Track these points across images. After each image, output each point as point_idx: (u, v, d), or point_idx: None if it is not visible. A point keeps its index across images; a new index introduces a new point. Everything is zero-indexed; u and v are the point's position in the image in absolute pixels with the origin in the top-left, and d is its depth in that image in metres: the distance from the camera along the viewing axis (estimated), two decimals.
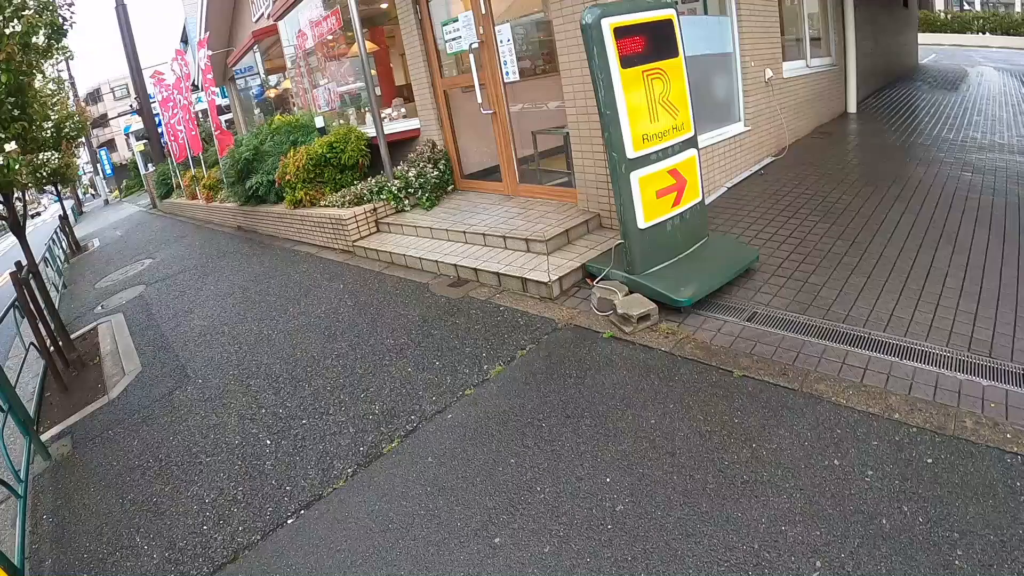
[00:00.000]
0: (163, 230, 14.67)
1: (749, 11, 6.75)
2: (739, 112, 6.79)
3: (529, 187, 6.54)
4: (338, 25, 8.55)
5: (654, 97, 4.14)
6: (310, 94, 10.47)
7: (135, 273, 9.97)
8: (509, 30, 5.98)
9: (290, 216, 8.19)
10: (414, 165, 7.12)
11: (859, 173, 6.60)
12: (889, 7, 14.15)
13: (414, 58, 7.35)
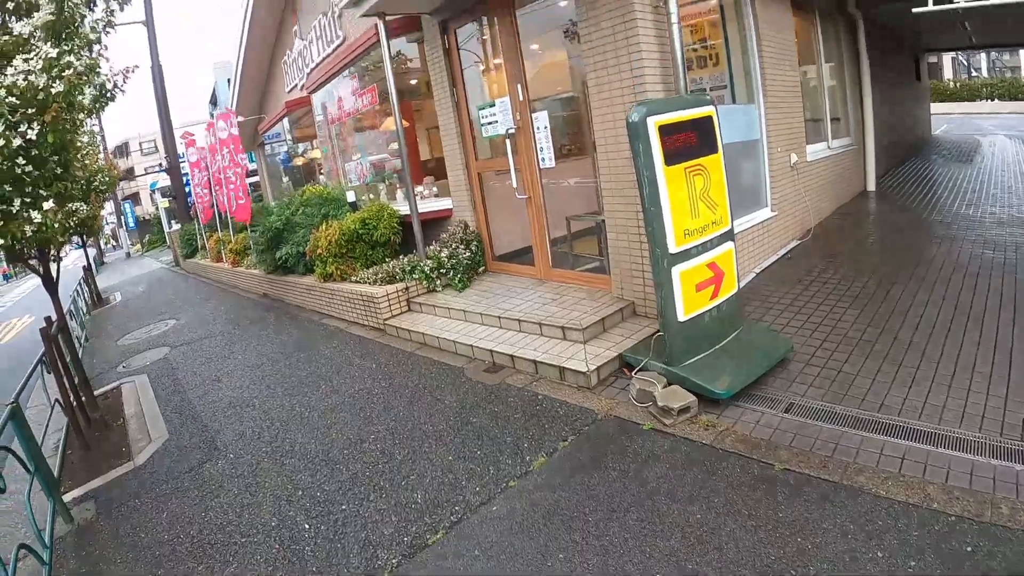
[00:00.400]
0: (187, 290, 14.82)
1: (775, 98, 6.87)
2: (767, 197, 6.84)
3: (562, 272, 6.55)
4: (373, 101, 8.76)
5: (696, 193, 4.20)
6: (340, 166, 10.68)
7: (159, 333, 10.02)
8: (546, 117, 6.08)
9: (320, 289, 8.24)
10: (446, 245, 7.19)
11: (883, 255, 6.60)
12: (903, 82, 14.40)
13: (449, 139, 7.47)
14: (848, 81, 9.76)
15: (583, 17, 5.32)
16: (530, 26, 6.49)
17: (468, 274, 7.07)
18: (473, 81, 7.36)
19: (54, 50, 5.98)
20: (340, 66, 9.48)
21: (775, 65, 6.91)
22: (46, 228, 6.39)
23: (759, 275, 6.31)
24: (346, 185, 9.90)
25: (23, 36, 6.17)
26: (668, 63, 5.03)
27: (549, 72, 7.17)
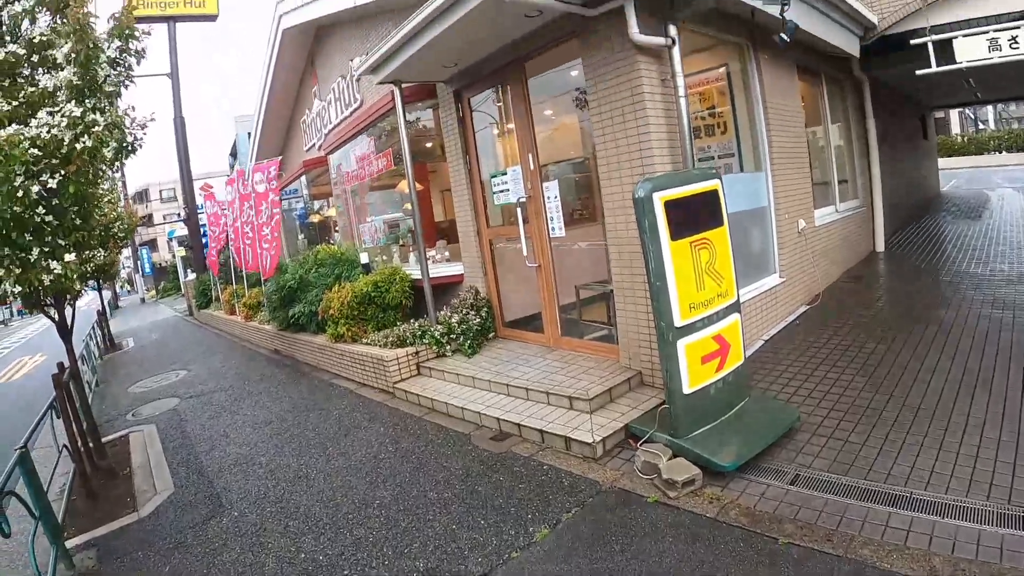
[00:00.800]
0: (199, 341, 14.92)
1: (783, 165, 6.95)
2: (774, 264, 6.88)
3: (570, 340, 6.58)
4: (388, 166, 8.94)
5: (701, 266, 4.24)
6: (355, 226, 10.85)
7: (169, 384, 10.09)
8: (556, 187, 6.19)
9: (330, 349, 8.31)
10: (457, 311, 7.25)
11: (891, 318, 6.60)
12: (910, 140, 14.52)
13: (462, 206, 7.60)
14: (855, 143, 9.86)
15: (592, 90, 5.46)
16: (542, 93, 6.68)
17: (478, 340, 7.11)
18: (486, 147, 7.51)
19: (78, 109, 6.19)
20: (357, 130, 9.71)
21: (782, 132, 7.01)
22: (64, 279, 6.52)
23: (767, 342, 6.30)
24: (360, 246, 10.05)
25: (48, 90, 6.39)
26: (675, 134, 5.14)
27: (560, 136, 7.31)
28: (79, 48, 6.15)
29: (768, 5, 5.49)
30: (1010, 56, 7.38)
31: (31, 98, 6.42)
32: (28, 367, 17.45)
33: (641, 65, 5.03)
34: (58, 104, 6.25)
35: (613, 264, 5.61)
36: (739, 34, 6.46)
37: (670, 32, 5.04)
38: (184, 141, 20.40)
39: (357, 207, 10.90)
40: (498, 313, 7.48)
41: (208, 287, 18.45)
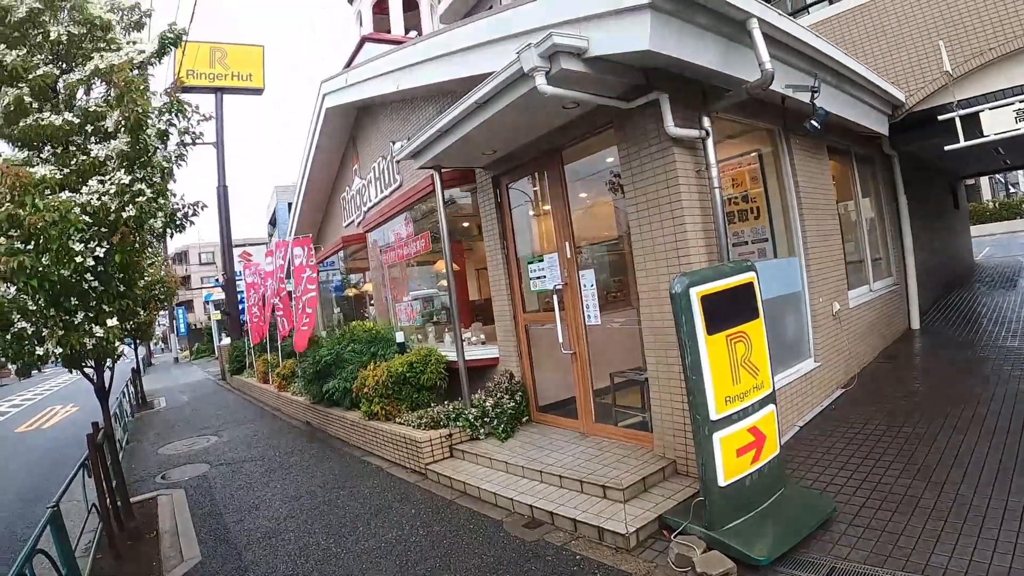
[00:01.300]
0: (231, 408, 15.05)
1: (816, 249, 6.97)
2: (809, 348, 6.84)
3: (604, 427, 6.56)
4: (426, 247, 9.13)
5: (736, 359, 4.26)
6: (390, 303, 11.02)
7: (200, 448, 10.19)
8: (592, 276, 6.28)
9: (363, 426, 8.35)
10: (491, 394, 7.27)
11: (928, 400, 6.49)
12: (941, 212, 14.46)
13: (498, 290, 7.71)
14: (887, 218, 9.88)
15: (627, 180, 5.59)
16: (577, 176, 6.81)
17: (511, 424, 7.12)
18: (523, 230, 7.65)
19: (127, 177, 6.45)
20: (396, 211, 9.94)
21: (814, 215, 7.05)
22: (106, 343, 6.67)
23: (802, 429, 6.22)
24: (396, 324, 10.19)
25: (99, 159, 6.67)
26: (710, 225, 5.22)
27: (595, 217, 7.38)
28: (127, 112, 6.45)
29: (798, 93, 5.62)
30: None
31: (83, 166, 6.70)
32: (59, 416, 17.72)
33: (676, 157, 5.15)
34: (108, 173, 6.54)
35: (648, 352, 5.63)
36: (770, 120, 6.57)
37: (704, 124, 5.20)
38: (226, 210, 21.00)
39: (394, 285, 11.09)
40: (532, 397, 7.50)
41: (242, 353, 18.70)
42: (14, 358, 6.19)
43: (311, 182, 14.62)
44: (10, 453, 12.85)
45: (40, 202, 5.66)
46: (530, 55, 4.64)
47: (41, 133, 6.61)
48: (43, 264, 5.76)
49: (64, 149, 6.83)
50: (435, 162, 7.17)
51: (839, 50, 6.78)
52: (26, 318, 5.91)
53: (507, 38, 5.92)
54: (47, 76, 6.71)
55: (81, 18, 7.06)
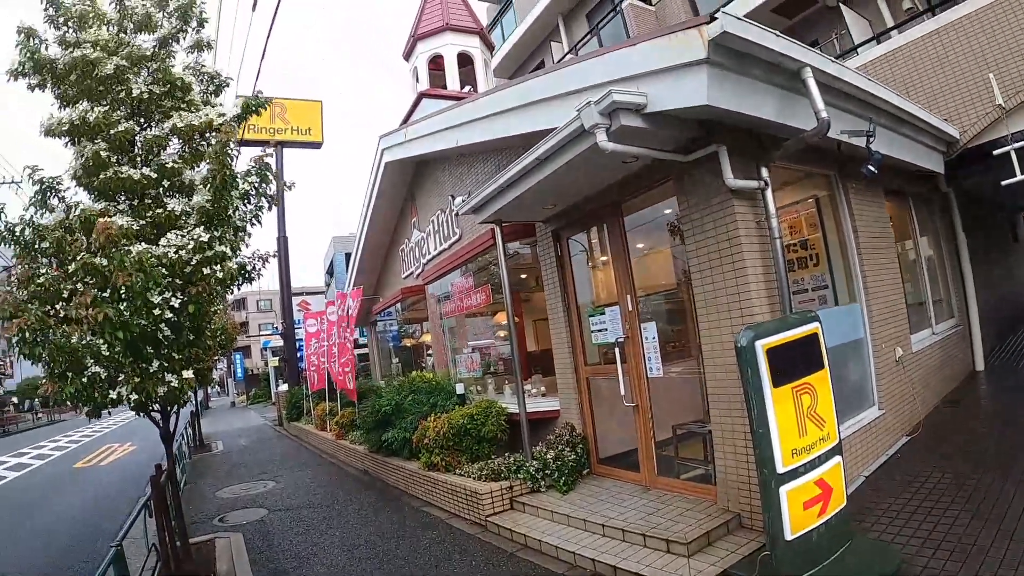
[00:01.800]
0: (288, 453, 15.25)
1: (877, 294, 6.85)
2: (873, 396, 6.68)
3: (667, 480, 6.49)
4: (486, 301, 9.25)
5: (803, 411, 4.22)
6: (449, 354, 11.14)
7: (257, 493, 10.33)
8: (654, 328, 6.28)
9: (422, 476, 8.39)
10: (552, 447, 7.27)
11: (996, 445, 6.27)
12: (1002, 247, 14.07)
13: (559, 342, 7.75)
14: (946, 258, 9.68)
15: (688, 232, 5.65)
16: (637, 227, 6.86)
17: (572, 476, 7.08)
18: (583, 283, 7.71)
19: (206, 235, 6.73)
20: (456, 264, 10.13)
21: (873, 260, 6.95)
22: (178, 391, 6.88)
23: (868, 479, 6.05)
24: (455, 375, 10.30)
25: (175, 213, 6.98)
26: (771, 275, 5.21)
27: (655, 265, 7.42)
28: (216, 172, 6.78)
29: (854, 138, 5.60)
30: None
31: (158, 218, 7.03)
32: (116, 455, 18.15)
33: (736, 208, 5.19)
34: (186, 227, 6.84)
35: (711, 404, 5.60)
36: (826, 165, 6.58)
37: (762, 174, 5.23)
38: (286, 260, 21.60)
39: (453, 336, 11.23)
40: (593, 449, 7.46)
41: (300, 400, 19.01)
42: (87, 401, 6.44)
43: (370, 234, 14.95)
44: (68, 488, 13.27)
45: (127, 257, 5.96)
46: (590, 112, 4.76)
47: (119, 185, 6.93)
48: (123, 315, 6.03)
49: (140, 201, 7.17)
50: (496, 217, 7.33)
51: (892, 92, 6.77)
52: (100, 363, 6.11)
53: (565, 95, 6.07)
54: (128, 132, 7.07)
55: (163, 78, 7.48)
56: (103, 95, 7.05)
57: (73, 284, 6.27)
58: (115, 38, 7.38)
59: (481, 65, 13.36)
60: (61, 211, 6.77)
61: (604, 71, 5.35)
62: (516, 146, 5.96)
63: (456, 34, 13.14)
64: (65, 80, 7.18)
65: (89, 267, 6.11)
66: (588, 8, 19.26)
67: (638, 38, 5.20)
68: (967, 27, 8.48)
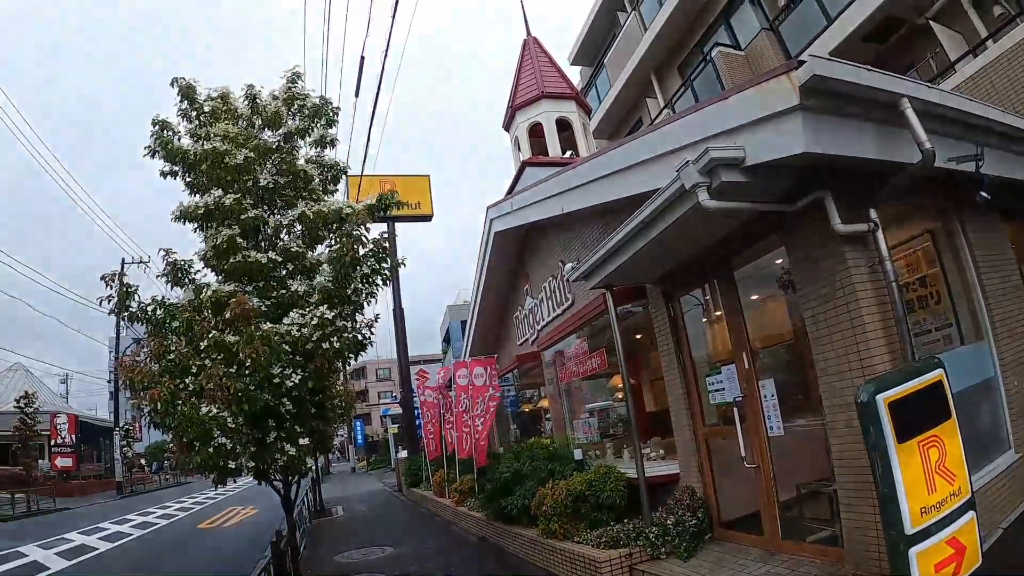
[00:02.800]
0: (407, 520, 15.46)
1: (1005, 327, 6.33)
2: (1008, 440, 6.10)
3: (792, 543, 6.20)
4: (601, 366, 9.25)
5: (931, 466, 3.95)
6: (567, 419, 11.16)
7: (376, 559, 10.46)
8: (772, 386, 6.11)
9: (541, 544, 8.32)
10: (672, 512, 7.08)
11: None
12: None
13: (676, 403, 7.65)
14: None
15: (799, 283, 5.51)
16: (750, 284, 6.78)
17: (694, 542, 6.86)
18: (698, 341, 7.62)
19: (330, 312, 7.12)
20: (570, 330, 10.21)
21: (999, 291, 6.45)
22: (297, 460, 7.17)
23: (1006, 530, 5.49)
24: (573, 440, 10.28)
25: (298, 293, 7.42)
26: (890, 320, 4.96)
27: (770, 317, 7.24)
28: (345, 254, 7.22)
29: (962, 164, 5.30)
30: None
31: (282, 299, 7.50)
32: (239, 517, 18.87)
33: (847, 255, 5.02)
34: (308, 306, 7.27)
35: (836, 463, 5.35)
36: (937, 196, 6.23)
37: (872, 216, 4.98)
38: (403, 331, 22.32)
39: (570, 401, 11.24)
40: (714, 513, 7.23)
41: (419, 467, 19.32)
42: (212, 469, 6.84)
43: (484, 302, 15.27)
44: (192, 548, 13.96)
45: (255, 332, 6.42)
46: (690, 171, 4.79)
47: (247, 268, 7.44)
48: (250, 388, 6.44)
49: (266, 283, 7.69)
50: (606, 281, 7.40)
51: (996, 108, 6.39)
52: (226, 434, 6.47)
53: (663, 155, 6.12)
54: (257, 218, 7.66)
55: (287, 169, 8.10)
56: (231, 184, 7.65)
57: (201, 360, 6.77)
58: (243, 132, 8.02)
59: (580, 128, 13.66)
60: (191, 291, 7.37)
61: (699, 128, 5.38)
62: (622, 208, 6.02)
63: (552, 101, 13.50)
64: (196, 168, 7.84)
65: (220, 344, 6.61)
66: (679, 61, 19.39)
67: (729, 91, 5.23)
68: None
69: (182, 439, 6.54)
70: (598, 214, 8.89)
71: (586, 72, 25.27)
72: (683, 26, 18.36)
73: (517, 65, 14.40)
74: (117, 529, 17.58)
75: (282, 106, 8.36)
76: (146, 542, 15.38)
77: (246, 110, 8.35)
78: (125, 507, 23.95)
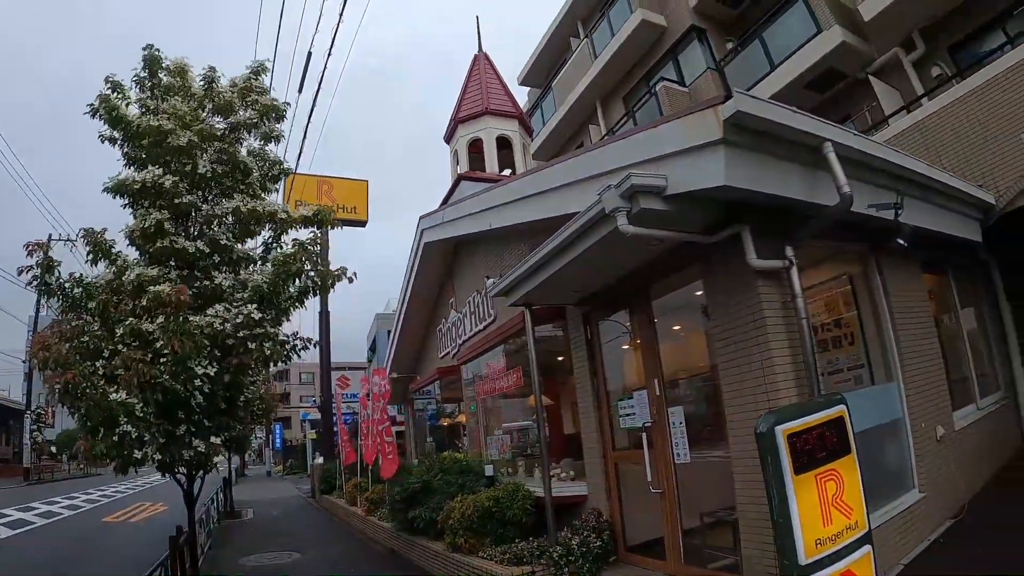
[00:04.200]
0: (317, 525, 15.31)
1: (914, 369, 6.62)
2: (912, 479, 6.36)
3: (694, 569, 6.29)
4: (518, 383, 9.25)
5: (827, 499, 4.03)
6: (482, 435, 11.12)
7: (282, 564, 10.33)
8: (681, 413, 6.22)
9: (446, 557, 8.26)
10: (578, 532, 7.10)
11: None
12: None
13: (588, 426, 7.72)
14: (990, 328, 9.32)
15: (713, 314, 5.64)
16: (669, 311, 6.90)
17: (597, 564, 6.88)
18: (613, 367, 7.70)
19: (257, 314, 6.95)
20: (489, 345, 10.23)
21: (910, 336, 6.73)
22: (206, 459, 6.98)
23: (908, 566, 5.69)
24: (486, 457, 10.26)
25: (223, 286, 7.24)
26: (799, 356, 5.09)
27: (686, 350, 7.36)
28: (291, 263, 7.08)
29: (882, 211, 5.52)
30: None
31: (205, 290, 7.30)
32: (146, 513, 18.30)
33: (761, 290, 5.14)
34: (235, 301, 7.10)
35: (738, 492, 5.45)
36: (856, 241, 6.45)
37: (787, 254, 5.13)
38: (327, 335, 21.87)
39: (486, 417, 11.22)
40: (619, 536, 7.30)
41: (333, 474, 18.98)
42: (115, 458, 6.59)
43: (409, 313, 15.14)
44: (94, 542, 13.42)
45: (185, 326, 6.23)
46: (610, 196, 4.85)
47: (172, 254, 7.24)
48: (165, 377, 6.24)
49: (190, 272, 7.47)
50: (525, 300, 7.43)
51: (919, 161, 6.71)
52: (131, 422, 6.29)
53: (589, 179, 6.22)
54: (191, 204, 7.45)
55: (227, 159, 7.90)
56: (169, 164, 7.46)
57: (114, 344, 6.52)
58: (192, 113, 7.79)
59: (520, 148, 13.74)
60: (112, 272, 7.08)
61: (628, 154, 5.47)
62: (550, 228, 6.06)
63: (495, 118, 13.57)
64: (137, 142, 7.58)
65: (137, 332, 6.39)
66: (625, 91, 19.80)
67: (659, 120, 5.34)
68: (996, 90, 8.45)
69: (87, 423, 6.38)
70: (527, 233, 8.91)
71: (534, 94, 25.51)
72: (632, 58, 18.81)
73: (465, 79, 14.45)
74: (20, 516, 16.90)
75: (236, 97, 8.22)
76: (47, 532, 14.78)
77: (200, 91, 8.21)
78: (30, 495, 22.89)
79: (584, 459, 7.92)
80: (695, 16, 16.73)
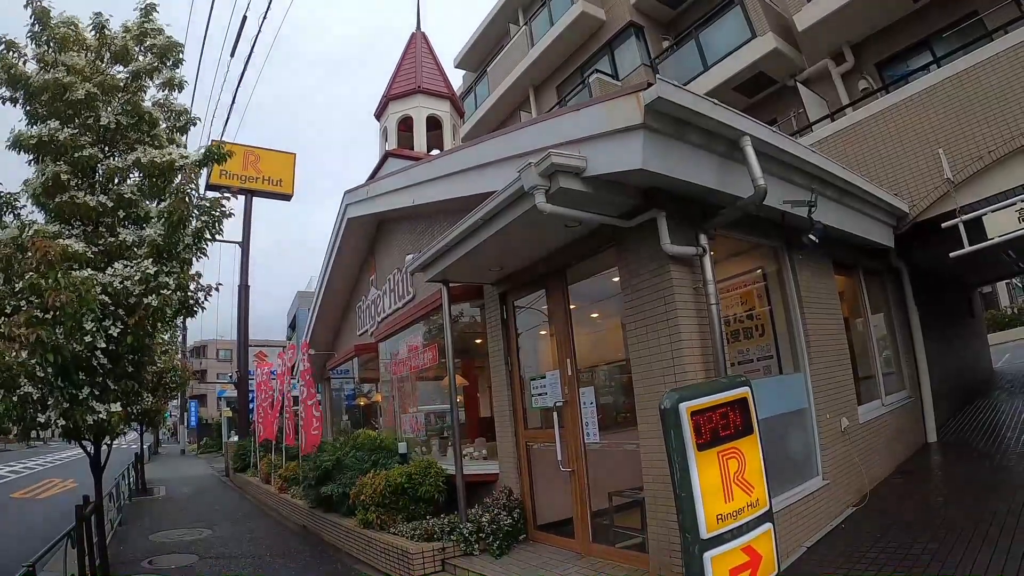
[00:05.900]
0: (230, 503, 15.08)
1: (821, 364, 6.91)
2: (817, 466, 6.66)
3: (602, 547, 6.43)
4: (434, 360, 9.25)
5: (729, 476, 4.19)
6: (397, 414, 11.09)
7: (192, 540, 10.14)
8: (592, 393, 6.33)
9: (357, 534, 8.23)
10: (489, 510, 7.18)
11: (945, 516, 6.23)
12: (956, 321, 14.36)
13: (501, 406, 7.77)
14: (898, 331, 9.81)
15: (627, 297, 5.72)
16: (585, 296, 6.98)
17: (507, 541, 6.98)
18: (529, 349, 7.77)
19: (153, 268, 6.72)
20: (407, 322, 10.14)
21: (820, 331, 7.01)
22: (108, 426, 6.74)
23: (810, 549, 5.94)
24: (401, 435, 10.21)
25: (127, 243, 6.97)
26: (707, 341, 5.26)
27: (602, 338, 7.49)
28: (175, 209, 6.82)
29: (797, 208, 5.73)
30: None
31: (110, 247, 7.02)
32: (56, 489, 17.88)
33: (673, 275, 5.26)
34: (135, 259, 6.85)
35: (644, 470, 5.57)
36: (772, 237, 6.68)
37: (701, 242, 5.31)
38: (245, 308, 21.37)
39: (402, 396, 11.17)
40: (530, 515, 7.39)
41: (248, 451, 18.63)
42: (16, 421, 6.32)
43: (330, 288, 14.93)
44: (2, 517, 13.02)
45: (63, 279, 5.94)
46: (530, 174, 4.87)
47: (75, 210, 6.94)
48: (58, 337, 5.98)
49: (94, 228, 7.17)
50: (443, 276, 7.41)
51: (836, 164, 6.98)
52: (33, 383, 6.12)
53: (512, 158, 6.26)
54: (92, 158, 7.13)
55: (132, 110, 7.56)
56: (71, 119, 7.18)
57: (17, 301, 6.27)
58: (91, 64, 7.49)
59: (450, 129, 13.66)
60: (15, 228, 6.79)
61: (550, 135, 5.52)
62: (472, 207, 6.05)
63: (427, 97, 13.46)
64: (37, 99, 7.27)
65: (35, 287, 6.11)
66: (559, 80, 19.93)
67: (583, 103, 5.39)
68: (917, 105, 8.86)
69: None
70: (449, 211, 8.86)
71: (469, 77, 25.37)
72: (569, 49, 18.95)
73: (401, 56, 14.22)
74: None
75: (131, 41, 7.85)
76: None
77: (94, 41, 7.83)
78: None
79: (497, 438, 7.98)
80: (634, 12, 17.03)
